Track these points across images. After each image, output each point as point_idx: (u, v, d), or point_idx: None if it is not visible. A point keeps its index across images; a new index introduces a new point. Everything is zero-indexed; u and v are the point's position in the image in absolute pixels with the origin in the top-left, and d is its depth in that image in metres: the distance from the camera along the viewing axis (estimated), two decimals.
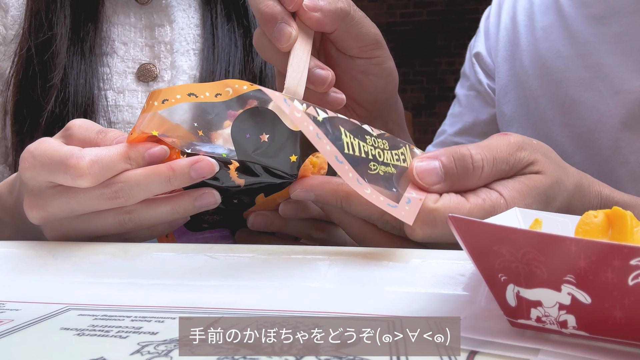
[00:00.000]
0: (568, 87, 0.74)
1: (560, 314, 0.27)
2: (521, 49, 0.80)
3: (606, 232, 0.31)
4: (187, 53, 0.73)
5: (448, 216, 0.27)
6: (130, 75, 0.72)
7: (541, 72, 0.77)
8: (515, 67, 0.81)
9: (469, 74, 0.91)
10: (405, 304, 0.36)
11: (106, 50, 0.72)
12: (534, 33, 0.79)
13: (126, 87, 0.71)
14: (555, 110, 0.75)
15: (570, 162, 0.76)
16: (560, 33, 0.76)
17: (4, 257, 0.43)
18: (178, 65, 0.72)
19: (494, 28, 0.86)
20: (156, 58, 0.73)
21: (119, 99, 0.70)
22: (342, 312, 0.35)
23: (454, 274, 0.38)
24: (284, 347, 0.28)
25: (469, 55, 0.91)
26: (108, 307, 0.36)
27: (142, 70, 0.72)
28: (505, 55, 0.83)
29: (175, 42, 0.73)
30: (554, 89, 0.75)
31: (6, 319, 0.34)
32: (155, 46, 0.73)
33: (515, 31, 0.82)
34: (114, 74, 0.71)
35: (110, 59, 0.72)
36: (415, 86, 4.84)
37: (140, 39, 0.74)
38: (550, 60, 0.76)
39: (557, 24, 0.76)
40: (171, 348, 0.28)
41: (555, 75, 0.75)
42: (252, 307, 0.36)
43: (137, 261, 0.42)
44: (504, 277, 0.28)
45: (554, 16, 0.77)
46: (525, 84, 0.79)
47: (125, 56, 0.73)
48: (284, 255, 0.41)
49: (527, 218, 0.38)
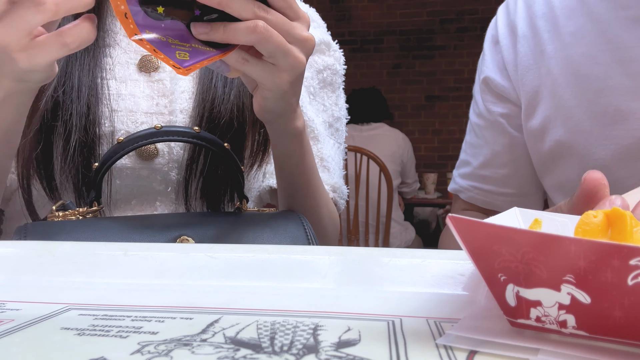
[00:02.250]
0: (611, 96, 0.68)
1: (560, 313, 0.27)
2: (547, 56, 0.74)
3: (606, 232, 0.31)
4: None
5: (448, 216, 0.27)
6: (132, 66, 0.73)
7: (575, 80, 0.71)
8: (541, 76, 0.75)
9: (477, 100, 0.86)
10: (405, 304, 0.36)
11: (109, 42, 0.73)
12: (562, 38, 0.73)
13: (128, 77, 0.72)
14: (593, 121, 0.69)
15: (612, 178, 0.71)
16: (594, 38, 0.70)
17: (4, 257, 0.43)
18: None
19: (506, 40, 0.80)
20: None
21: (121, 88, 0.71)
22: (342, 312, 0.35)
23: (453, 273, 0.38)
24: (284, 347, 0.28)
25: (478, 79, 0.86)
26: (108, 307, 0.36)
27: (144, 61, 0.73)
28: (527, 65, 0.76)
29: None
30: (593, 98, 0.69)
31: (7, 318, 0.34)
32: None
33: (538, 38, 0.75)
34: (117, 64, 0.72)
35: (113, 50, 0.73)
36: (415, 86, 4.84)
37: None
38: (586, 67, 0.70)
39: (589, 28, 0.70)
40: (171, 348, 0.28)
41: (593, 84, 0.69)
42: (252, 307, 0.36)
43: (137, 261, 0.42)
44: (503, 277, 0.28)
45: (584, 19, 0.71)
46: (556, 93, 0.73)
47: (128, 48, 0.74)
48: (284, 255, 0.42)
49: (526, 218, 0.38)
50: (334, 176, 0.81)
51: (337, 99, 0.86)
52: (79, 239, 0.54)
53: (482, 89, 0.84)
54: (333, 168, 0.82)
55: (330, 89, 0.85)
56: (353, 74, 1.10)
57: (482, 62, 0.85)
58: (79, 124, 0.67)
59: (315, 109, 0.82)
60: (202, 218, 0.63)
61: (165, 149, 0.71)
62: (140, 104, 0.71)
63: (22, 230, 0.55)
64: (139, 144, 0.61)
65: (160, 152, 0.71)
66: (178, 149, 0.71)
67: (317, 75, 0.83)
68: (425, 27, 4.87)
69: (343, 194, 0.82)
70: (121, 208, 0.70)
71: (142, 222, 0.59)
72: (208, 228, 0.59)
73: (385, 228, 2.83)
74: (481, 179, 0.85)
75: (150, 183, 0.71)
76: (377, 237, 2.86)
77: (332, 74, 0.85)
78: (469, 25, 4.74)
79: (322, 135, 0.81)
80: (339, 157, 0.85)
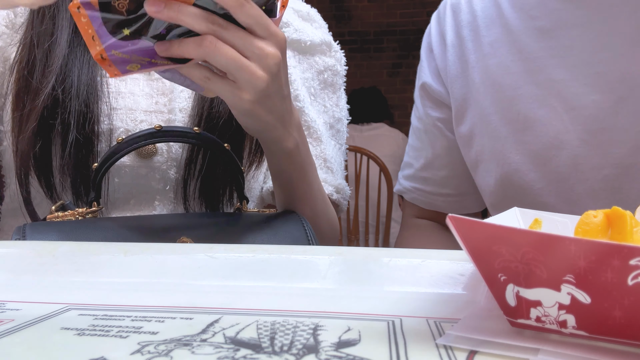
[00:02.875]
0: (521, 104, 0.71)
1: (560, 313, 0.27)
2: (470, 65, 0.77)
3: (606, 232, 0.31)
4: None
5: (448, 216, 0.27)
6: None
7: (492, 89, 0.74)
8: (468, 84, 0.77)
9: (417, 105, 0.88)
10: (405, 304, 0.36)
11: None
12: (482, 48, 0.75)
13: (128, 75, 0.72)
14: (508, 127, 0.72)
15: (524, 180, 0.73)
16: (507, 48, 0.73)
17: (4, 257, 0.43)
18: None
19: (438, 48, 0.83)
20: None
21: (120, 85, 0.71)
22: (342, 312, 0.35)
23: (453, 273, 0.38)
24: (284, 347, 0.28)
25: (417, 84, 0.88)
26: (108, 307, 0.36)
27: None
28: (455, 74, 0.79)
29: None
30: (507, 106, 0.72)
31: (7, 318, 0.34)
32: None
33: (463, 47, 0.78)
34: None
35: None
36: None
37: None
38: (500, 76, 0.73)
39: (504, 39, 0.73)
40: (171, 348, 0.28)
41: (507, 92, 0.72)
42: (252, 307, 0.36)
43: (137, 261, 0.42)
44: (503, 277, 0.28)
45: (500, 30, 0.74)
46: (478, 101, 0.75)
47: None
48: (284, 255, 0.42)
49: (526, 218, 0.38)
50: (337, 177, 0.81)
51: (338, 100, 0.86)
52: (78, 239, 0.54)
53: (421, 94, 0.86)
54: (336, 169, 0.82)
55: (331, 90, 0.85)
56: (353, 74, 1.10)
57: (420, 69, 0.87)
58: (78, 121, 0.67)
59: (317, 110, 0.82)
60: (201, 219, 0.63)
61: (164, 148, 0.71)
62: (139, 102, 0.71)
63: (22, 231, 0.55)
64: (138, 144, 0.61)
65: (159, 150, 0.71)
66: (177, 147, 0.71)
67: (317, 77, 0.83)
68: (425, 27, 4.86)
69: (346, 194, 0.82)
70: (120, 207, 0.70)
71: (141, 223, 0.59)
72: (208, 229, 0.59)
73: (385, 228, 2.83)
74: (422, 181, 0.88)
75: (149, 181, 0.71)
76: (377, 237, 2.86)
77: (333, 74, 0.85)
78: None
79: (325, 136, 0.81)
80: (340, 158, 0.85)
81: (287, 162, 0.64)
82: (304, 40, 0.81)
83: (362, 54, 4.92)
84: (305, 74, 0.81)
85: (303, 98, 0.79)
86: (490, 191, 0.77)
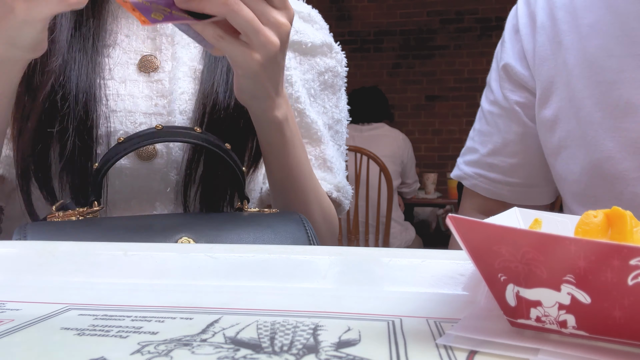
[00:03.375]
0: (623, 89, 0.69)
1: (560, 313, 0.27)
2: (564, 47, 0.74)
3: (606, 232, 0.31)
4: (188, 45, 0.74)
5: (448, 216, 0.27)
6: (132, 66, 0.73)
7: (589, 71, 0.72)
8: (557, 66, 0.75)
9: (494, 88, 0.85)
10: (405, 304, 0.36)
11: (109, 42, 0.73)
12: (579, 30, 0.73)
13: (127, 77, 0.72)
14: (604, 112, 0.70)
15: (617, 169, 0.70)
16: (611, 30, 0.70)
17: (4, 257, 0.43)
18: (179, 57, 0.73)
19: (526, 29, 0.80)
20: (157, 50, 0.74)
21: (120, 88, 0.71)
22: (342, 312, 0.35)
23: (453, 273, 0.38)
24: (284, 347, 0.28)
25: (496, 66, 0.85)
26: (108, 307, 0.36)
27: (144, 61, 0.73)
28: (544, 56, 0.77)
29: (176, 34, 0.74)
30: (605, 90, 0.70)
31: (7, 318, 0.34)
32: (157, 38, 0.74)
33: (556, 29, 0.76)
34: (116, 64, 0.72)
35: (113, 50, 0.73)
36: (415, 86, 4.84)
37: (142, 32, 0.75)
38: (601, 59, 0.70)
39: (608, 20, 0.71)
40: (171, 348, 0.28)
41: (607, 76, 0.70)
42: (252, 307, 0.36)
43: (137, 261, 0.42)
44: (503, 277, 0.28)
45: (603, 12, 0.71)
46: (570, 84, 0.73)
47: (128, 48, 0.73)
48: (284, 255, 0.42)
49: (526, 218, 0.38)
50: (337, 176, 0.81)
51: (337, 101, 0.86)
52: (79, 239, 0.54)
53: (501, 76, 0.84)
54: (336, 169, 0.82)
55: (331, 91, 0.85)
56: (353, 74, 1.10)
57: (502, 50, 0.85)
58: (77, 124, 0.67)
59: (316, 111, 0.82)
60: (202, 219, 0.63)
61: (164, 150, 0.71)
62: (139, 105, 0.71)
63: (22, 231, 0.55)
64: (140, 144, 0.61)
65: (159, 152, 0.71)
66: (177, 149, 0.71)
67: (318, 78, 0.83)
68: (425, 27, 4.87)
69: (347, 193, 0.82)
70: (120, 208, 0.70)
71: (142, 223, 0.59)
72: (209, 229, 0.59)
73: (385, 228, 2.83)
74: (488, 167, 0.86)
75: (150, 183, 0.71)
76: (377, 237, 2.86)
77: (334, 76, 0.85)
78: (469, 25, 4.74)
79: (325, 137, 0.81)
80: (340, 158, 0.85)
81: (276, 134, 0.66)
82: (305, 42, 0.81)
83: (362, 54, 4.92)
84: (305, 75, 0.81)
85: (304, 100, 0.79)
86: (574, 179, 0.75)
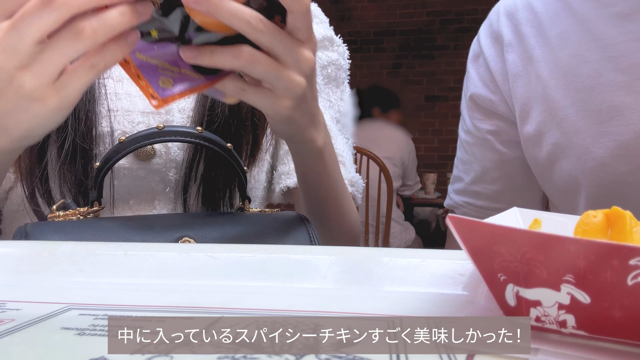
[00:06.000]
0: (604, 93, 0.68)
1: (560, 313, 0.27)
2: (536, 61, 0.74)
3: (605, 232, 0.31)
4: None
5: (448, 216, 0.27)
6: None
7: (565, 81, 0.71)
8: (531, 81, 0.75)
9: (465, 118, 0.86)
10: (405, 304, 0.36)
11: None
12: (548, 42, 0.73)
13: (125, 76, 0.71)
14: (589, 119, 0.69)
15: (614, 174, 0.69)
16: (580, 38, 0.70)
17: (4, 257, 0.43)
18: None
19: (491, 50, 0.81)
20: None
21: (118, 87, 0.71)
22: (342, 312, 0.35)
23: (453, 273, 0.38)
24: (284, 347, 0.28)
25: (464, 97, 0.86)
26: (108, 306, 0.36)
27: None
28: (517, 72, 0.77)
29: None
30: (585, 97, 0.69)
31: (7, 318, 0.34)
32: None
33: (524, 44, 0.76)
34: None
35: None
36: (415, 86, 4.84)
37: None
38: (575, 67, 0.70)
39: (576, 29, 0.71)
40: (172, 348, 0.28)
41: (584, 82, 0.69)
42: (252, 307, 0.36)
43: (137, 261, 0.42)
44: (503, 276, 0.28)
45: (570, 21, 0.72)
46: (547, 96, 0.73)
47: None
48: (284, 255, 0.42)
49: (526, 218, 0.38)
50: (350, 170, 0.81)
51: (342, 94, 0.85)
52: (79, 239, 0.54)
53: (470, 106, 0.84)
54: (348, 163, 0.82)
55: (335, 84, 0.85)
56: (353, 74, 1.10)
57: (467, 80, 0.86)
58: (75, 125, 0.67)
59: (322, 105, 0.82)
60: (204, 219, 0.63)
61: (162, 150, 0.71)
62: (136, 104, 0.71)
63: (22, 231, 0.55)
64: (141, 143, 0.60)
65: (158, 152, 0.71)
66: (175, 149, 0.71)
67: (321, 72, 0.83)
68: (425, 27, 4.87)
69: (360, 187, 0.82)
70: (119, 208, 0.70)
71: (143, 223, 0.59)
72: (210, 229, 0.59)
73: (385, 228, 2.83)
74: (474, 195, 0.86)
75: (149, 183, 0.71)
76: (377, 237, 2.86)
77: (337, 69, 0.84)
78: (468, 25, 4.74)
79: (334, 131, 0.81)
80: (349, 151, 0.85)
81: (316, 160, 0.63)
82: None
83: (362, 54, 4.92)
84: None
85: None
86: (575, 191, 0.73)
